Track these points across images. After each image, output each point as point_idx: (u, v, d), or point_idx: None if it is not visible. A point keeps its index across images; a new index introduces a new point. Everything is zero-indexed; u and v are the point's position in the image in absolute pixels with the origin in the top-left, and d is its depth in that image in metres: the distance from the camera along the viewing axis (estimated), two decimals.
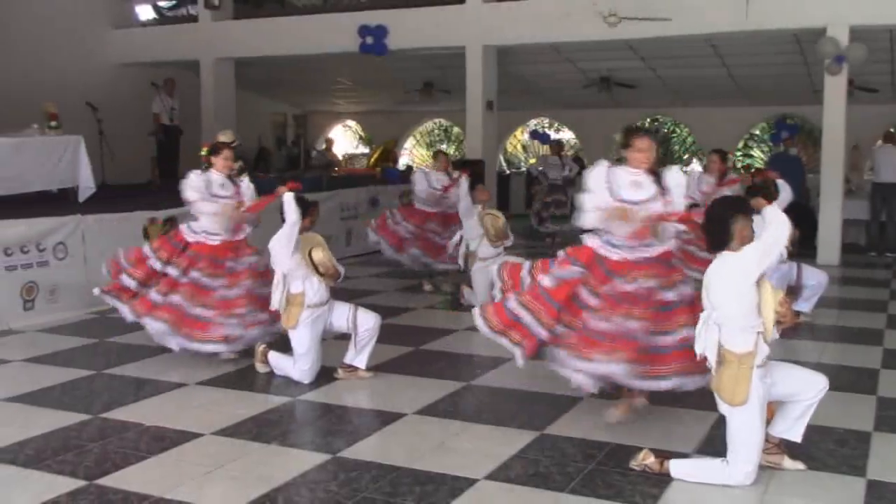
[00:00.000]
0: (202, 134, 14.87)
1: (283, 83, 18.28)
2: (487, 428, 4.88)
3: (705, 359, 4.03)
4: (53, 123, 9.41)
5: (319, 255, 5.61)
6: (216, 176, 6.39)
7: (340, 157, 20.16)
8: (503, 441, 4.61)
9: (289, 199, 5.53)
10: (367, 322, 5.81)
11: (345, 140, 26.73)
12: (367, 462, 4.30)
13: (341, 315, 5.79)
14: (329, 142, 20.41)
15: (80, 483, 4.03)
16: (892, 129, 16.39)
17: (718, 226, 3.99)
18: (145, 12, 17.65)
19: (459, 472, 4.15)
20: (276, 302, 5.71)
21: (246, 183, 6.55)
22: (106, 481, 4.05)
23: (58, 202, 9.02)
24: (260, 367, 6.00)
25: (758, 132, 23.23)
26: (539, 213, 14.02)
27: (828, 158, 11.48)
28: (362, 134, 24.94)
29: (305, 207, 5.65)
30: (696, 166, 21.92)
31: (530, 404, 5.34)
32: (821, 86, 11.74)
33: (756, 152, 24.54)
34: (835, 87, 11.34)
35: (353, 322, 5.77)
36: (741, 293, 3.86)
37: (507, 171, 22.42)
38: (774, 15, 11.26)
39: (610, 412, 4.87)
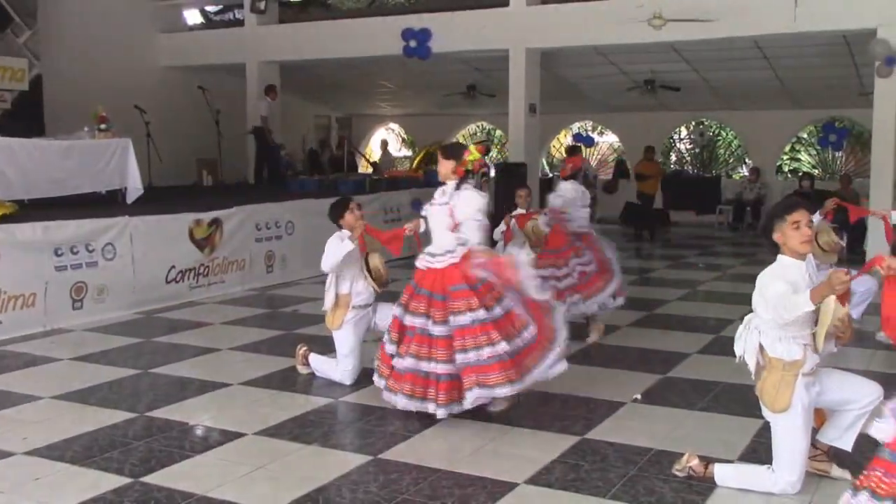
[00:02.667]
0: (247, 139, 15.07)
1: (327, 86, 18.43)
2: (527, 432, 4.87)
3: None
4: (103, 126, 9.58)
5: (375, 260, 5.69)
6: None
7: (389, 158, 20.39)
8: (543, 445, 4.59)
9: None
10: None
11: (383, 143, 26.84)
12: (406, 464, 4.32)
13: (386, 315, 5.81)
14: (384, 143, 20.52)
15: (126, 480, 4.09)
16: None
17: (764, 229, 3.90)
18: (193, 17, 17.93)
19: (499, 476, 4.14)
20: (328, 302, 5.76)
21: None
22: (150, 479, 4.12)
23: (106, 204, 9.19)
24: (301, 369, 6.05)
25: (805, 136, 22.86)
26: None
27: (877, 161, 11.27)
28: (405, 137, 25.02)
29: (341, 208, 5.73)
30: (744, 170, 21.67)
31: (570, 409, 5.31)
32: (870, 88, 11.54)
33: (803, 156, 24.15)
34: (885, 90, 11.13)
35: None
36: (768, 302, 3.72)
37: (550, 175, 22.35)
38: (823, 17, 11.09)
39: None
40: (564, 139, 24.52)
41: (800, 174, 19.20)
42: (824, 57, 13.19)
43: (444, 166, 5.10)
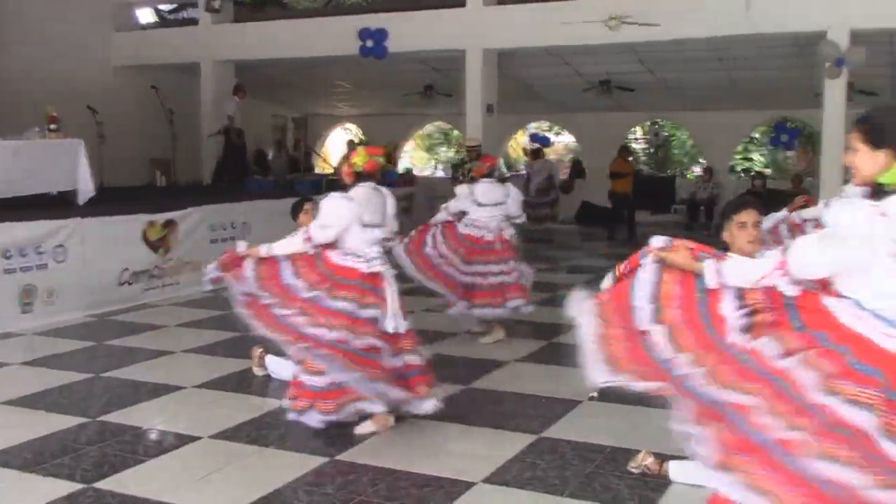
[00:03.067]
0: (201, 139, 14.92)
1: (283, 86, 18.31)
2: (485, 431, 4.88)
3: None
4: (54, 126, 9.40)
5: None
6: None
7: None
8: (500, 444, 4.61)
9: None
10: None
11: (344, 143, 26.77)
12: (364, 465, 4.30)
13: None
14: (350, 143, 20.35)
15: (78, 486, 4.02)
16: None
17: (717, 228, 3.93)
18: (146, 16, 17.72)
19: (457, 476, 4.15)
20: None
21: None
22: (103, 484, 4.05)
23: (57, 205, 9.02)
24: (257, 371, 6.00)
25: (757, 136, 23.23)
26: (528, 214, 14.69)
27: (827, 161, 11.49)
28: (362, 137, 24.96)
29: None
30: (697, 170, 21.96)
31: (528, 407, 5.33)
32: (821, 89, 11.76)
33: (756, 156, 24.55)
34: (835, 91, 11.36)
35: None
36: None
37: (508, 174, 22.43)
38: (774, 18, 11.28)
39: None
40: (521, 139, 24.66)
41: (752, 174, 19.53)
42: (776, 58, 13.41)
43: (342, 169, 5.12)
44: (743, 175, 20.85)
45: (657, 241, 2.98)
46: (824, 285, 2.59)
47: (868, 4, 10.85)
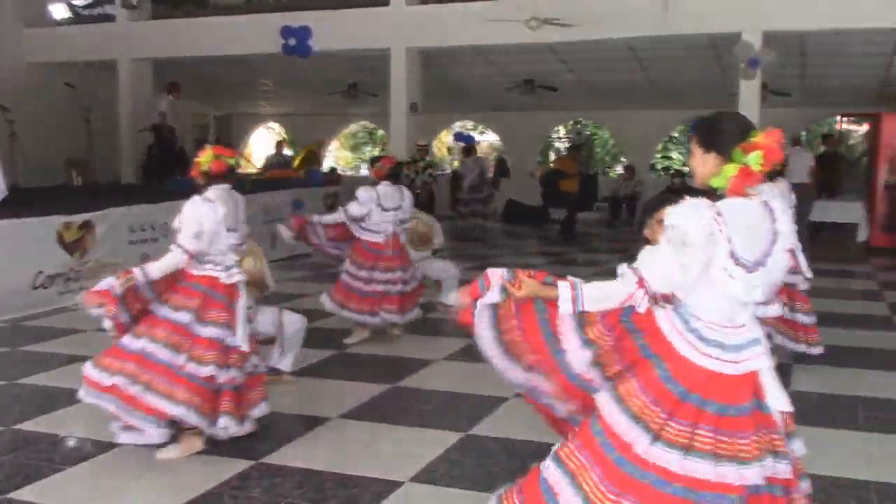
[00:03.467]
0: (120, 138, 14.57)
1: (205, 84, 18.00)
2: (412, 430, 4.88)
3: None
4: None
5: (248, 265, 5.47)
6: None
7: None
8: (428, 443, 4.61)
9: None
10: (294, 325, 5.74)
11: (267, 142, 26.45)
12: (290, 467, 4.25)
13: (266, 319, 5.70)
14: (279, 143, 20.01)
15: None
16: (802, 134, 16.95)
17: (639, 225, 3.97)
18: (59, 11, 17.22)
19: (384, 475, 4.13)
20: None
21: None
22: (18, 495, 3.91)
23: None
24: None
25: (676, 135, 23.76)
26: (461, 212, 15.10)
27: None
28: (286, 136, 24.71)
29: None
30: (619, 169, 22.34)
31: (455, 405, 5.35)
32: (736, 89, 12.08)
33: (675, 154, 25.11)
34: (749, 91, 11.70)
35: (279, 325, 5.69)
36: None
37: (439, 173, 22.48)
38: (691, 20, 11.55)
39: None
40: (446, 138, 24.74)
41: (671, 172, 19.96)
42: (693, 59, 13.73)
43: None
44: (663, 173, 21.29)
45: (495, 275, 2.86)
46: (666, 298, 2.60)
47: (780, 7, 11.20)
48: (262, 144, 26.30)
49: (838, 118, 18.98)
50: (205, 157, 4.66)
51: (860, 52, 13.00)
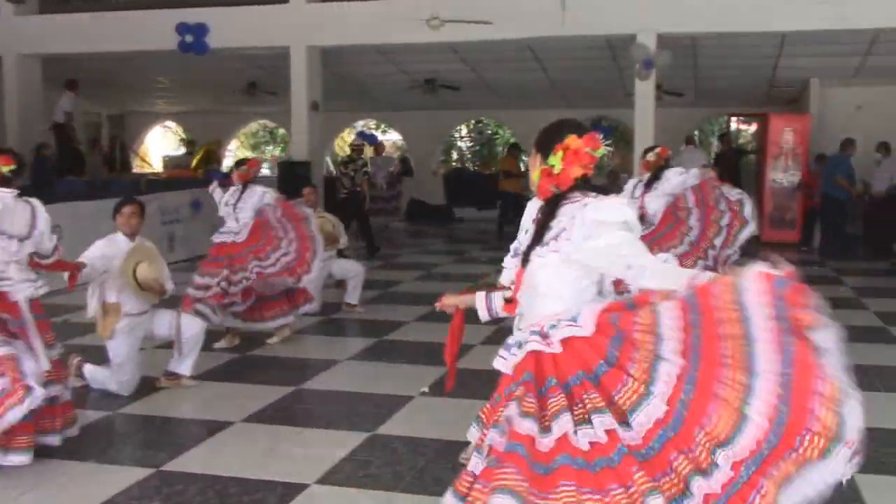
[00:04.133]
0: (7, 137, 13.95)
1: (96, 82, 17.36)
2: (317, 431, 4.84)
3: None
4: None
5: (144, 271, 5.32)
6: None
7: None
8: (334, 444, 4.57)
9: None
10: (192, 328, 5.61)
11: (164, 142, 25.84)
12: (192, 474, 4.16)
13: (163, 322, 5.56)
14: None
15: None
16: (695, 133, 17.51)
17: None
18: None
19: (289, 478, 4.08)
20: (90, 311, 5.42)
21: None
22: None
23: None
24: (74, 381, 5.67)
25: None
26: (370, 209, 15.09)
27: (640, 159, 12.10)
28: (184, 135, 24.17)
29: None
30: None
31: (360, 405, 5.32)
32: (632, 90, 12.39)
33: None
34: (644, 91, 12.02)
35: (177, 328, 5.56)
36: None
37: (335, 173, 22.33)
38: (588, 21, 11.79)
39: None
40: (348, 137, 24.60)
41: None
42: (591, 60, 14.01)
43: None
44: None
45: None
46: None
47: (673, 11, 11.54)
48: (159, 144, 25.66)
49: (729, 118, 19.67)
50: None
51: (748, 54, 13.51)
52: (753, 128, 21.07)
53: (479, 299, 2.94)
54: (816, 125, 14.30)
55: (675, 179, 6.53)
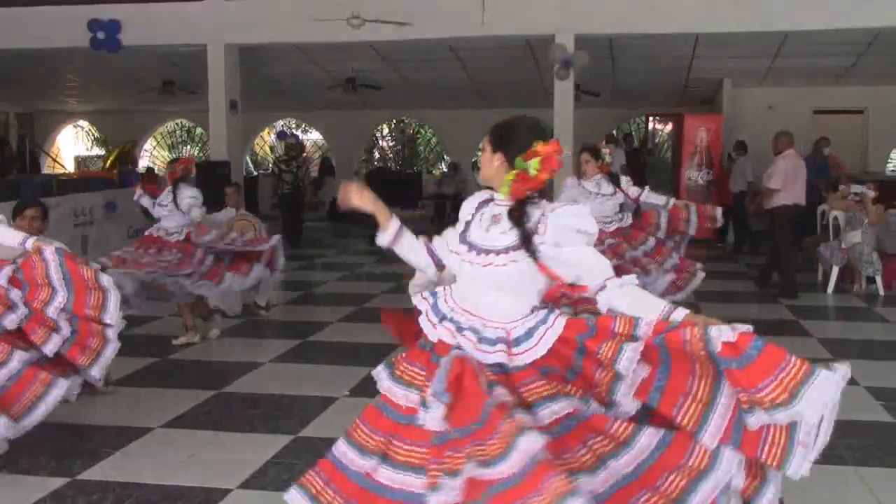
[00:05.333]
0: None
1: (3, 80, 16.77)
2: (239, 436, 4.76)
3: None
4: None
5: None
6: None
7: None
8: (256, 447, 4.51)
9: None
10: None
11: (76, 142, 25.10)
12: (109, 482, 4.05)
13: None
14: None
15: None
16: (613, 132, 17.83)
17: None
18: None
19: (211, 484, 4.01)
20: None
21: None
22: None
23: None
24: None
25: None
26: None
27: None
28: (97, 135, 23.52)
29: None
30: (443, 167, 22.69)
31: (284, 408, 5.26)
32: (551, 89, 12.54)
33: None
34: (563, 91, 12.19)
35: None
36: None
37: (255, 173, 22.05)
38: (508, 22, 11.89)
39: None
40: (269, 137, 24.31)
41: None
42: (511, 60, 14.12)
43: None
44: None
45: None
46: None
47: (591, 12, 11.72)
48: (71, 143, 24.90)
49: (647, 118, 20.08)
50: None
51: (664, 55, 13.81)
52: (669, 127, 21.55)
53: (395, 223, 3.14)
54: (729, 125, 14.71)
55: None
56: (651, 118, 19.98)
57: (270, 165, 18.74)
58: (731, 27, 11.56)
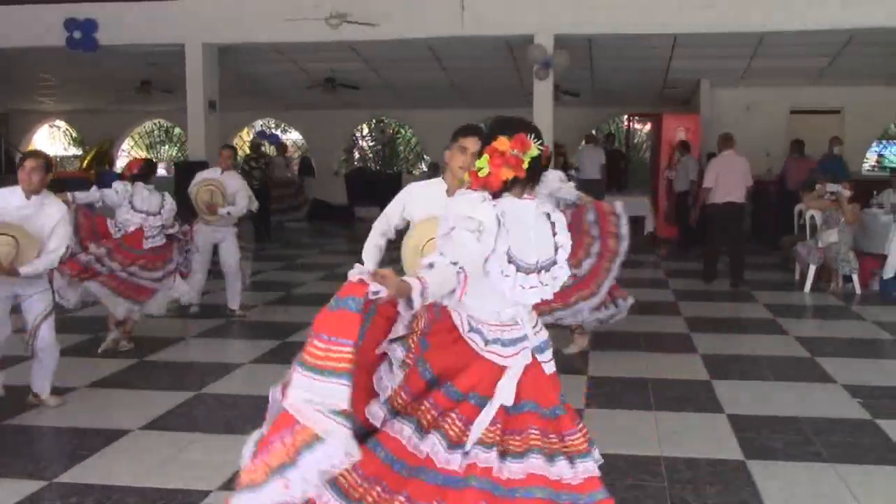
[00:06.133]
0: None
1: None
2: (219, 437, 4.73)
3: None
4: None
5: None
6: None
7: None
8: (236, 449, 4.46)
9: None
10: (43, 339, 5.20)
11: (53, 141, 24.91)
12: (88, 485, 4.01)
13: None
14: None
15: None
16: (593, 132, 17.88)
17: None
18: None
19: (191, 486, 3.99)
20: None
21: None
22: None
23: None
24: None
25: None
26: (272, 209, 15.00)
27: None
28: (74, 135, 23.33)
29: None
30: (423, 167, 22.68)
31: (263, 409, 5.21)
32: (531, 89, 12.56)
33: None
34: (542, 91, 12.21)
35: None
36: None
37: (245, 168, 21.92)
38: (488, 22, 11.89)
39: None
40: (247, 136, 24.19)
41: None
42: (490, 60, 14.13)
43: None
44: None
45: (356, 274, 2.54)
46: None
47: (570, 13, 11.74)
48: (47, 143, 24.69)
49: (626, 118, 20.15)
50: None
51: (642, 55, 13.86)
52: (648, 127, 21.64)
53: (414, 283, 2.44)
54: (707, 125, 14.79)
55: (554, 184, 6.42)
56: (630, 118, 20.06)
57: (241, 164, 18.71)
58: (708, 28, 11.63)
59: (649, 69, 14.82)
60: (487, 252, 2.54)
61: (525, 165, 2.58)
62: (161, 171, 24.43)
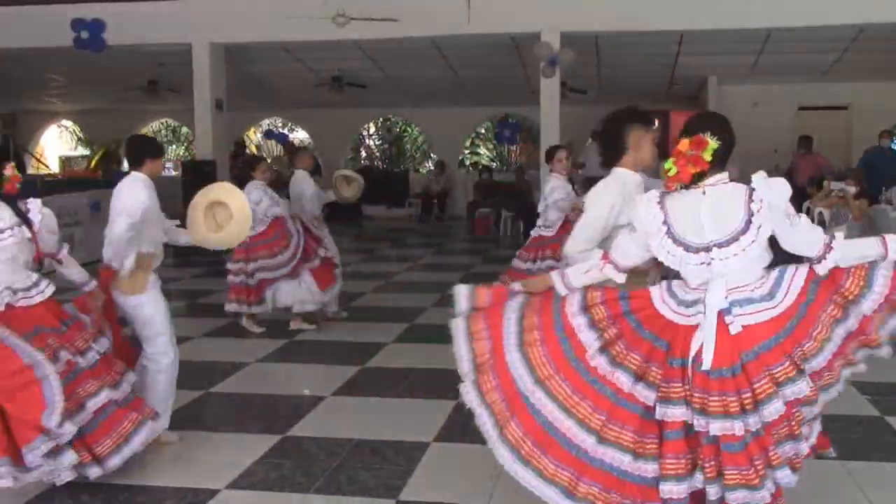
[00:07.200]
0: None
1: None
2: (227, 436, 4.75)
3: None
4: None
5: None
6: None
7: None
8: (244, 448, 4.49)
9: None
10: None
11: (61, 142, 24.99)
12: (97, 484, 4.02)
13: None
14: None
15: None
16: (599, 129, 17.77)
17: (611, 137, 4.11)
18: None
19: (200, 484, 3.99)
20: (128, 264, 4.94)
21: None
22: None
23: None
24: None
25: (483, 131, 24.35)
26: None
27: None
28: (81, 135, 23.40)
29: None
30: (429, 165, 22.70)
31: (272, 408, 5.25)
32: (537, 87, 12.54)
33: (483, 150, 25.75)
34: (549, 89, 12.20)
35: None
36: None
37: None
38: (494, 20, 11.88)
39: None
40: (255, 136, 24.26)
41: (480, 167, 20.49)
42: (496, 57, 14.12)
43: None
44: (471, 169, 21.80)
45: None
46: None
47: (576, 10, 11.72)
48: (55, 143, 24.77)
49: None
50: None
51: (649, 52, 13.84)
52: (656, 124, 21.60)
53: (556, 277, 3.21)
54: None
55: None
56: None
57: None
58: (715, 24, 11.60)
59: (656, 66, 14.79)
60: (644, 249, 3.08)
61: (708, 158, 2.96)
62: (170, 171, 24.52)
